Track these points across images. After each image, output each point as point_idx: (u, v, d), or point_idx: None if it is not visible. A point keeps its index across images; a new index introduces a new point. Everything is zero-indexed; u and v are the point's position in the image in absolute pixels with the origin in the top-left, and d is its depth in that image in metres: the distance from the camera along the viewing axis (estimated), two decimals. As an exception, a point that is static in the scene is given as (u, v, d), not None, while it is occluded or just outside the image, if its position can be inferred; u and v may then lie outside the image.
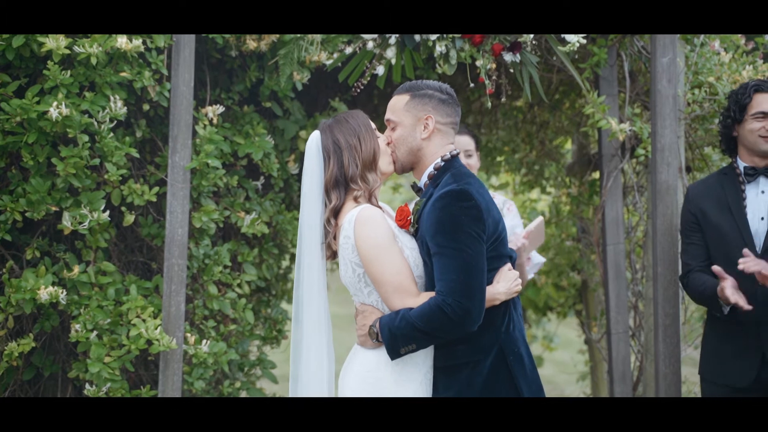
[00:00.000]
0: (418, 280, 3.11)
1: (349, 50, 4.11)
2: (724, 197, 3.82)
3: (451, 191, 3.02)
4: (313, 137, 3.24)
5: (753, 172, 3.81)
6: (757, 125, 3.80)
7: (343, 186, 3.17)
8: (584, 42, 4.07)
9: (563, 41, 4.14)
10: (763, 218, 3.76)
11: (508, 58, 4.09)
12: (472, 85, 4.16)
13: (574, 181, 5.81)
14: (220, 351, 4.20)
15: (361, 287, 3.15)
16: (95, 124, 3.94)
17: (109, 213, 4.01)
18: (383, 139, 3.26)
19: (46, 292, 3.81)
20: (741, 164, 3.86)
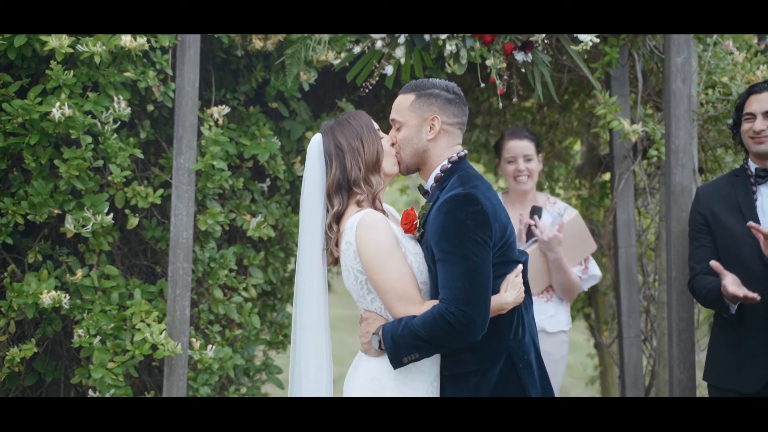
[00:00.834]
0: (423, 286, 3.05)
1: (358, 49, 4.06)
2: (735, 199, 3.77)
3: (457, 195, 2.96)
4: (315, 140, 3.19)
5: (764, 174, 3.77)
6: (746, 126, 3.80)
7: (346, 190, 3.12)
8: (597, 41, 4.01)
9: (575, 40, 4.09)
10: None
11: (520, 57, 4.03)
12: (482, 85, 4.11)
13: (585, 183, 5.75)
14: (226, 356, 4.16)
15: (364, 294, 3.09)
16: (98, 124, 3.91)
17: (112, 216, 3.98)
18: (387, 140, 3.21)
19: (48, 297, 3.78)
20: (752, 166, 3.80)
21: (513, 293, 3.03)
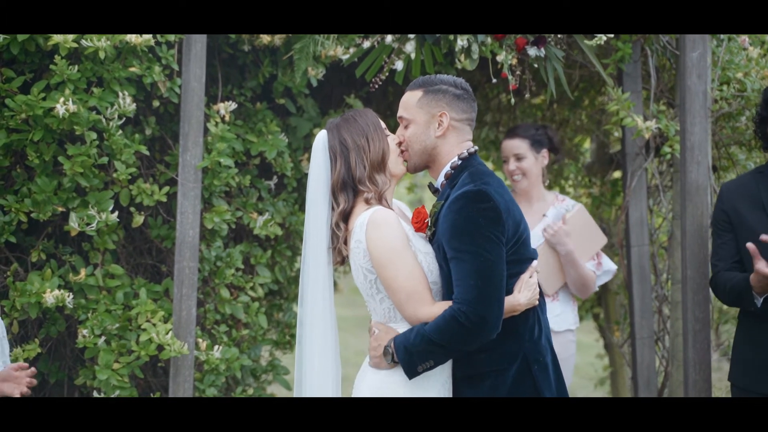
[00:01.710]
0: (433, 286, 3.00)
1: (367, 45, 4.01)
2: (759, 196, 3.70)
3: (468, 192, 2.91)
4: (320, 137, 3.15)
5: None
6: None
7: (351, 188, 3.07)
8: (611, 36, 3.95)
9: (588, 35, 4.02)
10: None
11: (532, 52, 3.98)
12: (494, 81, 4.05)
13: (595, 181, 5.68)
14: (233, 357, 4.12)
15: (373, 293, 3.04)
16: (103, 121, 3.87)
17: (117, 214, 3.95)
18: (393, 139, 3.15)
19: (52, 296, 3.74)
20: None
21: (527, 294, 2.98)
